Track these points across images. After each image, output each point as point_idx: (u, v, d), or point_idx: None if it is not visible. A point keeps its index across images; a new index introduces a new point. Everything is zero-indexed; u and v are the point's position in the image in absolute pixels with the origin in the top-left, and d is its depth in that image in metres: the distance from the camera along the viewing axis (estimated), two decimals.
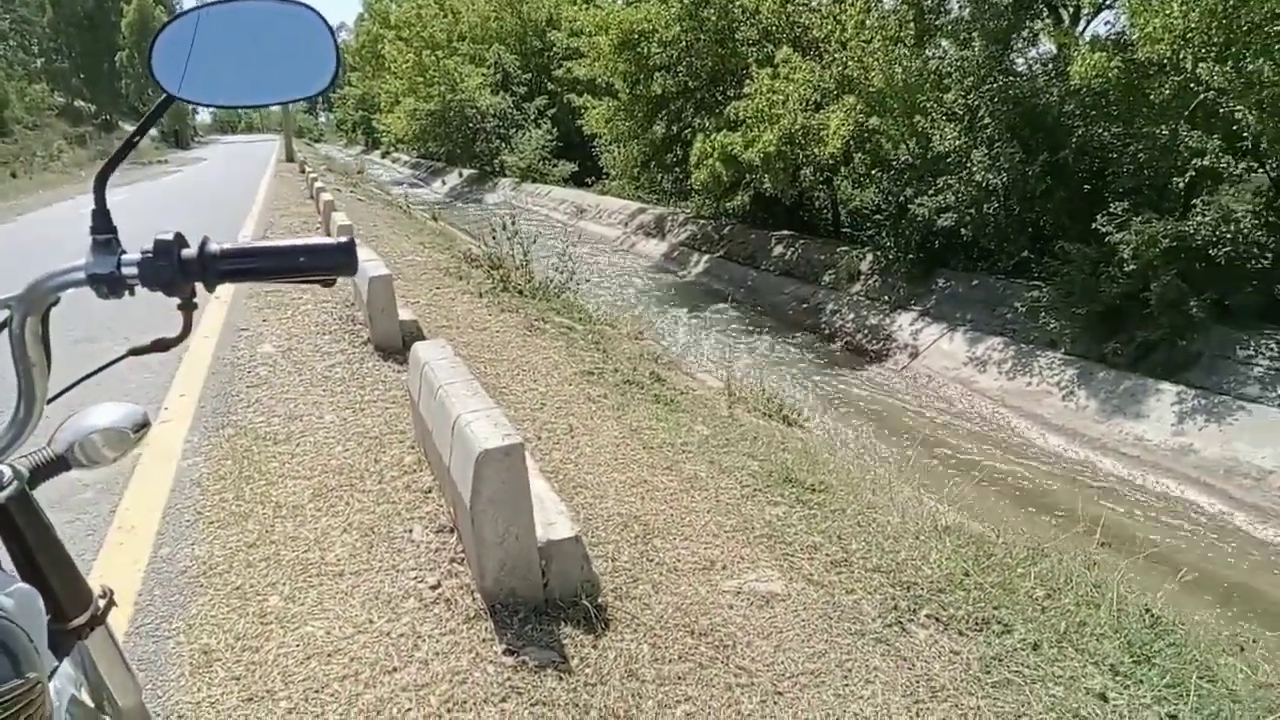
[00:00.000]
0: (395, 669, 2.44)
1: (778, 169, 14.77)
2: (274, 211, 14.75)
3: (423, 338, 6.03)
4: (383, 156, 54.64)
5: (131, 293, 0.91)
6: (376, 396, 4.95)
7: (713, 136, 16.24)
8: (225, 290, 7.64)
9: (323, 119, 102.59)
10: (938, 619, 3.07)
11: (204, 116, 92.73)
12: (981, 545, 3.94)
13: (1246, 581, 6.37)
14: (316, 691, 2.32)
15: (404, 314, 6.23)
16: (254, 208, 15.79)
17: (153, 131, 55.52)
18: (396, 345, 5.91)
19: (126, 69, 53.41)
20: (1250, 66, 8.06)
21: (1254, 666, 3.34)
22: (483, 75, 33.63)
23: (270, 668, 2.41)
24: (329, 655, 2.49)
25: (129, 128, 50.99)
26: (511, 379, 5.58)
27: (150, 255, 0.89)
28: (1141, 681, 2.80)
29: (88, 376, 1.12)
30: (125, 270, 0.89)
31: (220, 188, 20.77)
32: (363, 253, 6.51)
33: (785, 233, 16.71)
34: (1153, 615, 3.40)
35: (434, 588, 2.88)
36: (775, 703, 2.50)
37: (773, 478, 4.33)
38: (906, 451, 8.85)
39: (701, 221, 19.65)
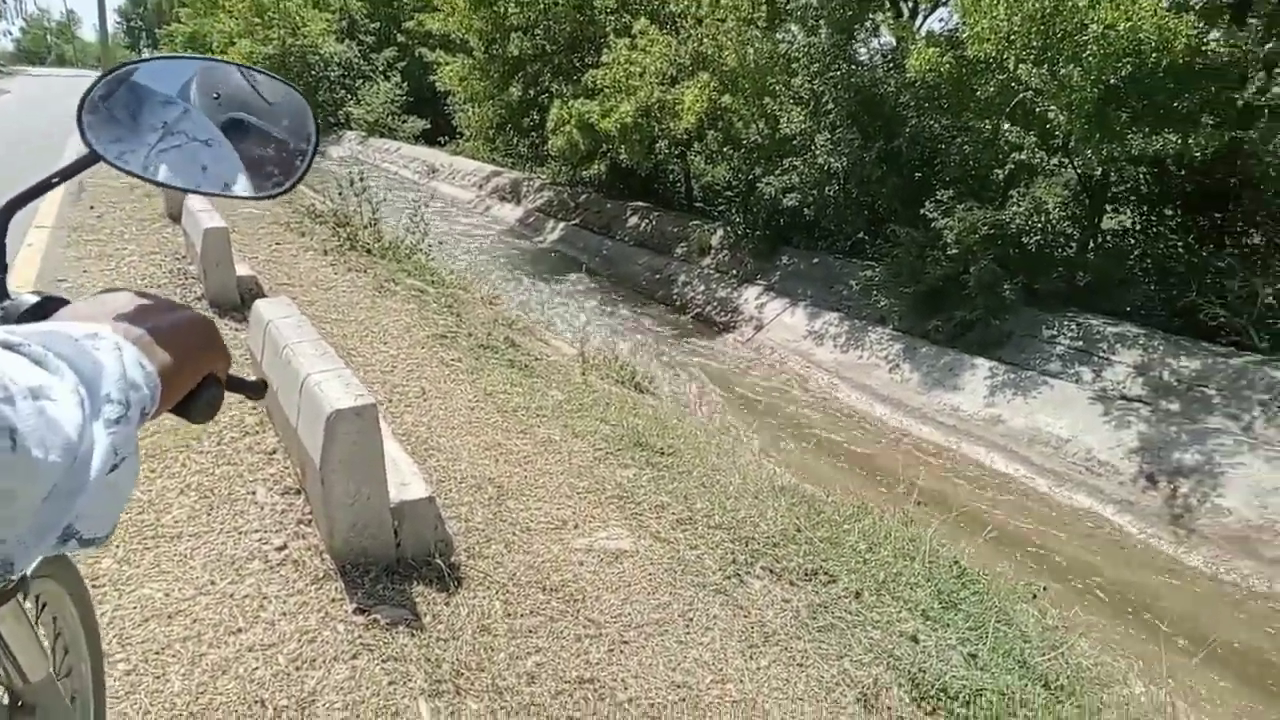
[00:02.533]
0: (240, 629, 2.39)
1: (634, 141, 14.91)
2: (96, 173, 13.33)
3: (263, 295, 5.73)
4: None
5: None
6: None
7: (570, 104, 16.14)
8: (39, 237, 6.96)
9: (147, 54, 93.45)
10: (772, 570, 3.32)
11: (6, 44, 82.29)
12: (813, 504, 4.26)
13: (1043, 539, 7.17)
14: (157, 653, 2.24)
15: (241, 269, 5.91)
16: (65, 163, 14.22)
17: None
18: (234, 302, 5.61)
19: None
20: (1063, 71, 8.89)
21: (1044, 611, 3.85)
22: (326, 20, 31.71)
23: (105, 630, 2.30)
24: (169, 617, 2.40)
25: None
26: (360, 341, 5.43)
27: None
28: (948, 625, 3.16)
29: None
30: None
31: (41, 131, 18.34)
32: (195, 202, 6.10)
33: (640, 204, 16.94)
34: (960, 567, 3.82)
35: (280, 549, 2.81)
36: (621, 651, 2.64)
37: (624, 441, 4.47)
38: (749, 418, 9.34)
39: (558, 188, 19.55)
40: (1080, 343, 8.88)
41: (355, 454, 2.63)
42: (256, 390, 0.86)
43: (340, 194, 9.44)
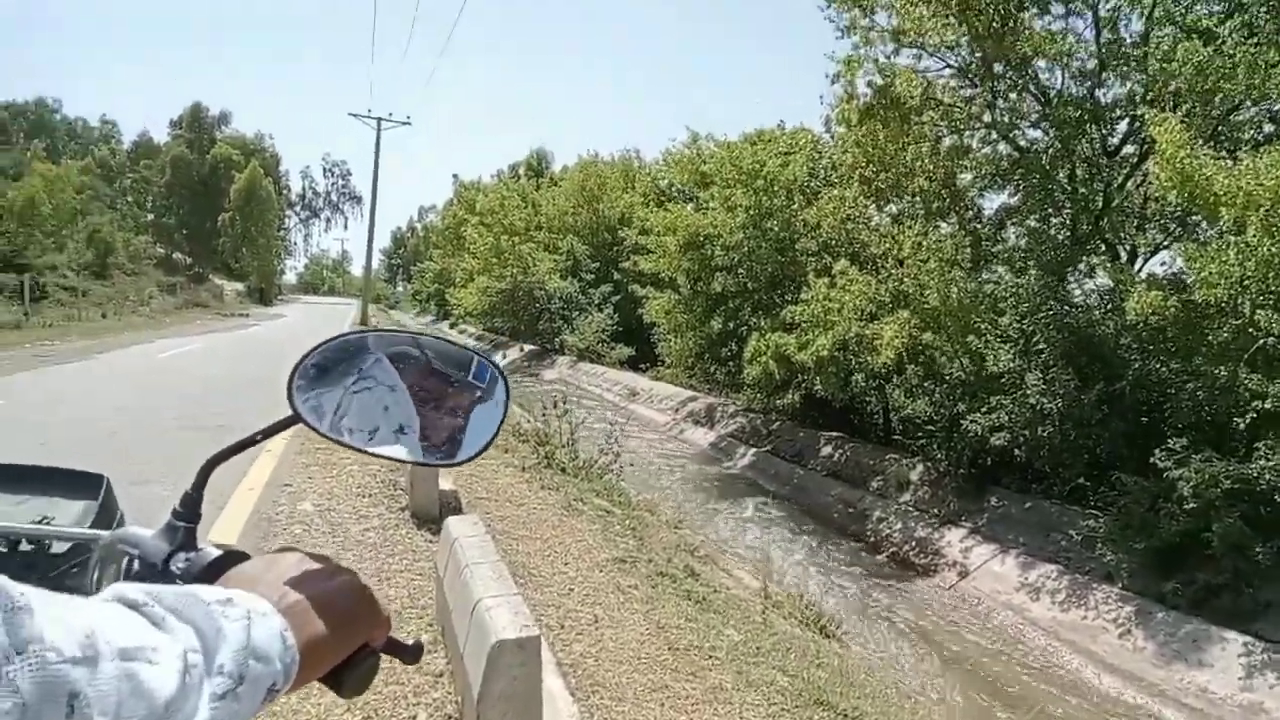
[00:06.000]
0: None
1: (830, 372, 15.03)
2: None
3: (461, 509, 6.01)
4: (451, 327, 57.12)
5: (171, 580, 0.78)
6: (404, 566, 4.87)
7: (768, 335, 16.71)
8: (276, 443, 7.81)
9: (400, 288, 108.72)
10: None
11: (289, 277, 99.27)
12: None
13: None
14: None
15: (445, 484, 6.24)
16: None
17: (239, 285, 59.66)
18: (433, 515, 5.86)
19: (226, 229, 58.00)
20: None
21: None
22: (554, 261, 35.70)
23: None
24: None
25: (219, 281, 54.76)
26: (542, 559, 5.49)
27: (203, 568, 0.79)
28: None
29: None
30: (174, 567, 0.79)
31: (288, 344, 21.82)
32: None
33: (834, 434, 16.70)
34: None
35: None
36: None
37: (803, 698, 4.09)
38: (949, 679, 8.34)
39: (751, 414, 19.81)
40: None
41: (514, 690, 2.53)
42: (413, 654, 0.84)
43: (544, 414, 10.06)
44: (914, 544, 12.41)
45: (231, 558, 0.76)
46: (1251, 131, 11.12)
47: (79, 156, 56.35)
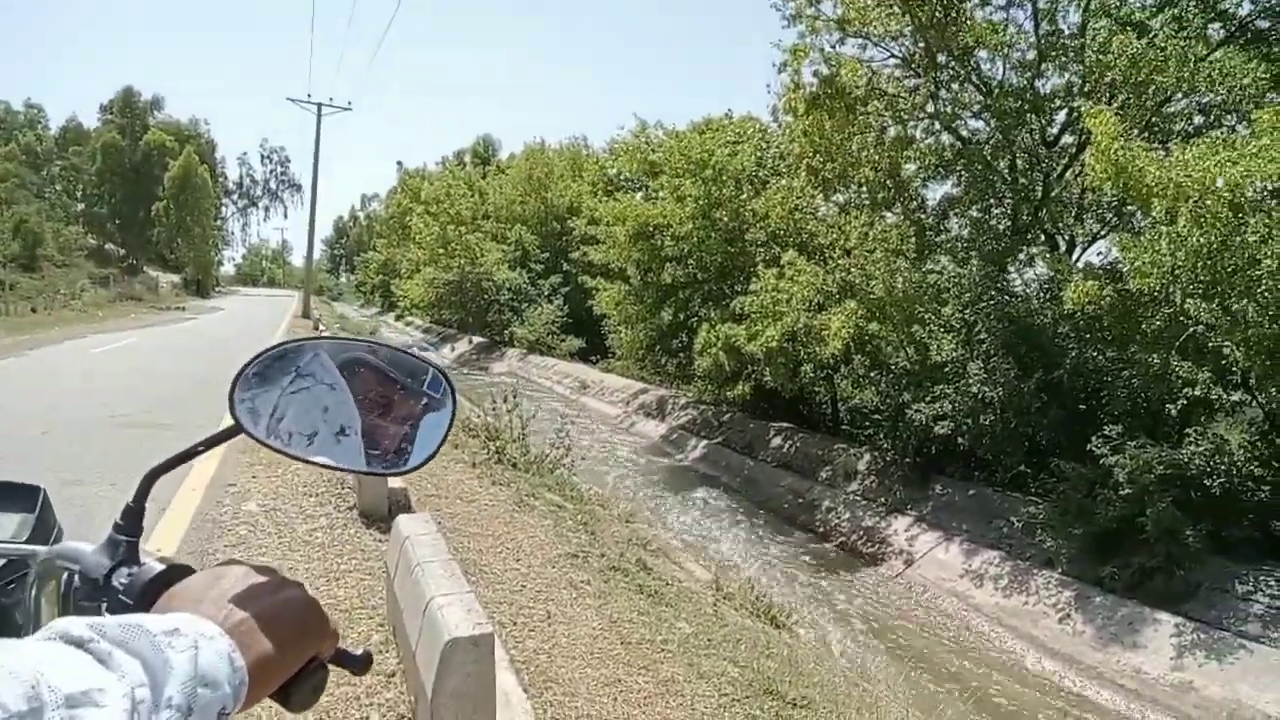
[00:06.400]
0: None
1: (779, 363, 15.10)
2: None
3: (410, 507, 5.92)
4: (397, 319, 56.24)
5: (113, 596, 0.75)
6: (354, 566, 4.78)
7: (718, 327, 16.73)
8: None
9: (343, 279, 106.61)
10: None
11: (227, 268, 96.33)
12: None
13: None
14: None
15: (394, 482, 6.11)
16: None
17: (174, 277, 57.84)
18: (382, 513, 5.76)
19: (161, 219, 56.00)
20: (1235, 306, 8.37)
21: None
22: (502, 251, 35.30)
23: None
24: None
25: (153, 273, 53.04)
26: (494, 556, 5.43)
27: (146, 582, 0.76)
28: None
29: None
30: (116, 583, 0.75)
31: (228, 340, 21.22)
32: None
33: (784, 425, 16.82)
34: None
35: None
36: None
37: (753, 688, 4.12)
38: (897, 666, 8.44)
39: (702, 406, 19.85)
40: None
41: (467, 687, 2.51)
42: (362, 665, 0.81)
43: (494, 408, 9.91)
44: (862, 533, 12.55)
45: (175, 572, 0.75)
46: (1182, 123, 11.41)
47: (3, 143, 53.87)
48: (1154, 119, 10.81)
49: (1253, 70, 9.44)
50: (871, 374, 14.67)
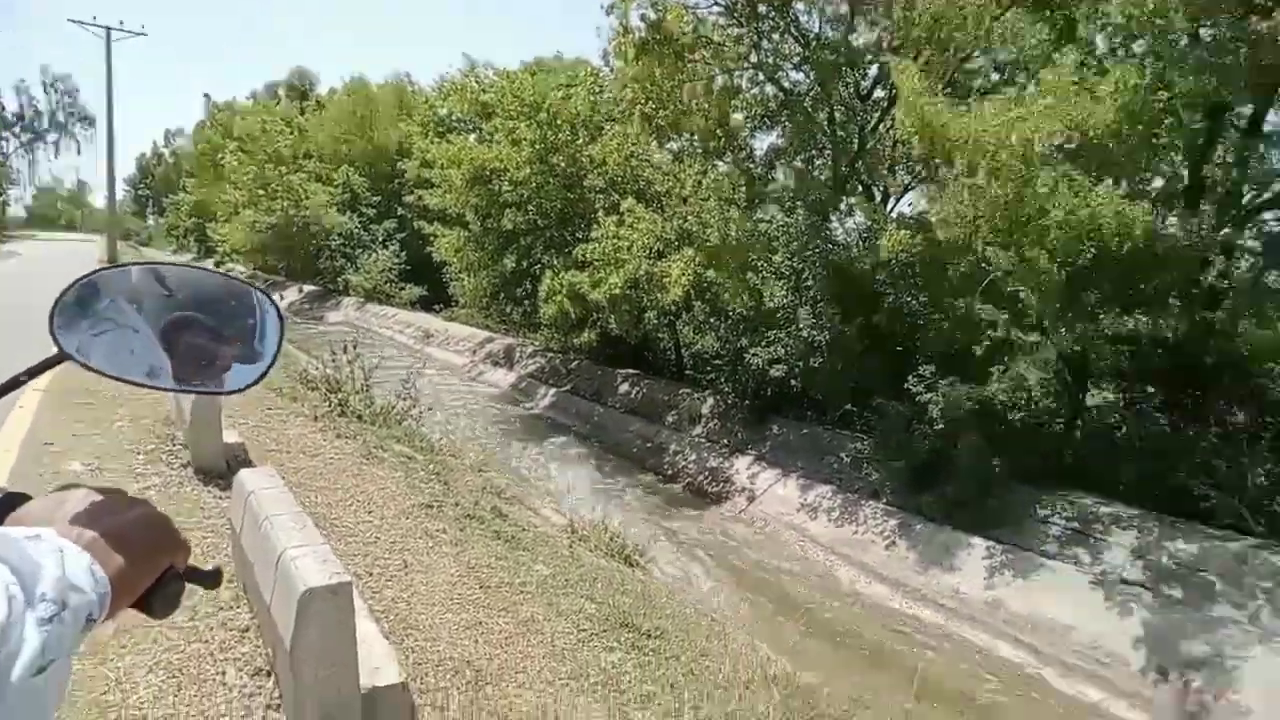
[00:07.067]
0: None
1: (623, 310, 15.32)
2: None
3: (250, 463, 5.71)
4: (216, 266, 52.17)
5: None
6: (194, 524, 4.62)
7: (561, 274, 16.69)
8: (29, 399, 6.94)
9: (151, 222, 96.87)
10: None
11: (17, 210, 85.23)
12: (807, 698, 4.12)
13: None
14: None
15: (230, 436, 5.88)
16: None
17: None
18: (220, 469, 5.56)
19: None
20: (1029, 254, 9.23)
21: None
22: (329, 194, 33.24)
23: None
24: None
25: None
26: (345, 510, 5.38)
27: None
28: None
29: None
30: None
31: (20, 297, 18.89)
32: None
33: (631, 371, 17.18)
34: None
35: None
36: None
37: (610, 622, 4.39)
38: (742, 595, 9.09)
39: (550, 355, 19.90)
40: (1075, 524, 8.78)
41: (327, 636, 2.55)
42: (212, 579, 0.85)
43: (333, 359, 9.55)
44: (707, 473, 13.19)
45: (14, 498, 0.74)
46: (981, 80, 12.21)
47: None
48: (956, 75, 11.50)
49: (1036, 33, 10.21)
50: (711, 320, 15.17)
